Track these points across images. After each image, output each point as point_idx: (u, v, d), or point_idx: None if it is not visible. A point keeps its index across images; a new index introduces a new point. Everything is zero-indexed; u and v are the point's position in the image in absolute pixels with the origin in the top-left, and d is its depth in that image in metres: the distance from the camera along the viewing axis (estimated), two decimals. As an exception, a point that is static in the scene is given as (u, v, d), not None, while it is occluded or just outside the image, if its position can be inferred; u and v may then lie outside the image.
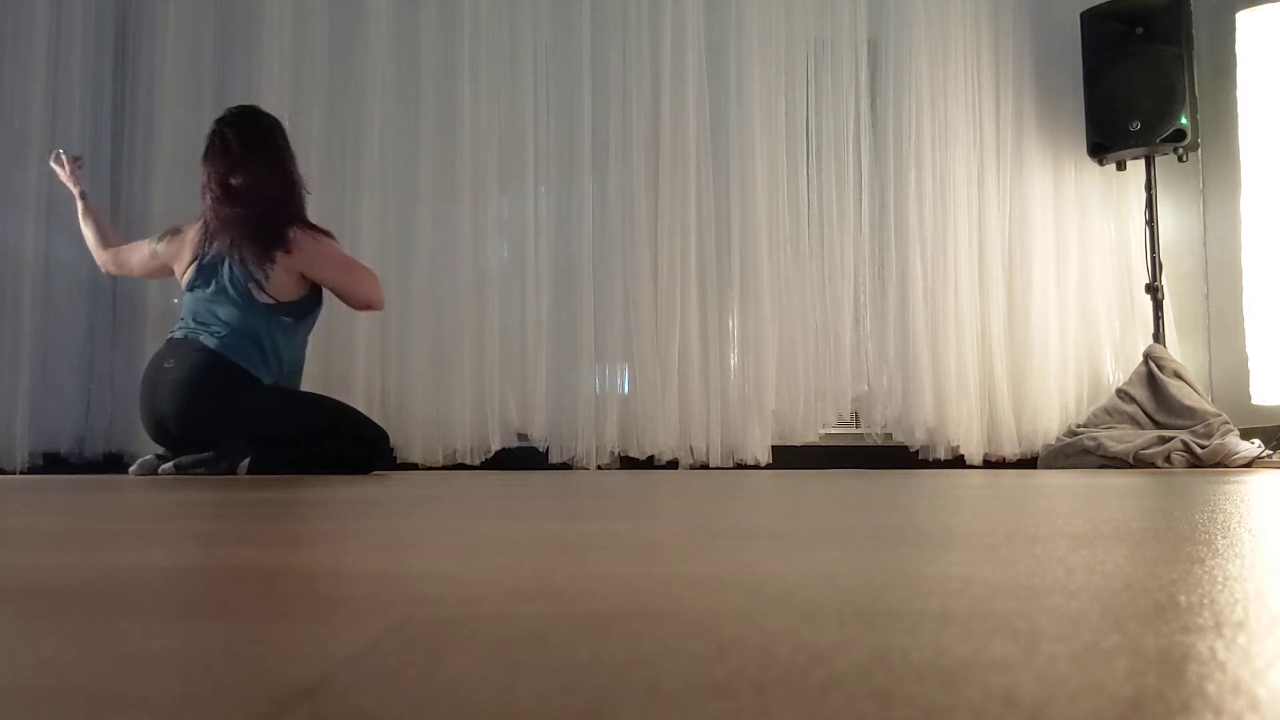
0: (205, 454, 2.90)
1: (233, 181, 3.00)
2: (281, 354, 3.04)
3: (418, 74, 3.95)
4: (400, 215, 3.90)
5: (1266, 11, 3.90)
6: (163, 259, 3.19)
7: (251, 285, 2.97)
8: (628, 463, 3.89)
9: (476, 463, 3.82)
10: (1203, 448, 3.44)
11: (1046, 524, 0.94)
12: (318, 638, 0.41)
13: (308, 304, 3.10)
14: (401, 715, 0.29)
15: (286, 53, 3.91)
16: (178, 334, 3.03)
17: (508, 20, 4.00)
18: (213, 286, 3.02)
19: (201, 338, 2.97)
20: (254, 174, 3.00)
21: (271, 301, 2.99)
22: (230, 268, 2.99)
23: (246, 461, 2.87)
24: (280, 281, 3.00)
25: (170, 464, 2.91)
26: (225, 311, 2.99)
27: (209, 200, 3.04)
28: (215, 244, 3.02)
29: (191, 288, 3.06)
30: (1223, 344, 4.06)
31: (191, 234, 3.10)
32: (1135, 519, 1.00)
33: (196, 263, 3.05)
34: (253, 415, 2.93)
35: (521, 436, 3.89)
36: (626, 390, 3.94)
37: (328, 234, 3.09)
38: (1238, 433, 3.53)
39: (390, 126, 3.93)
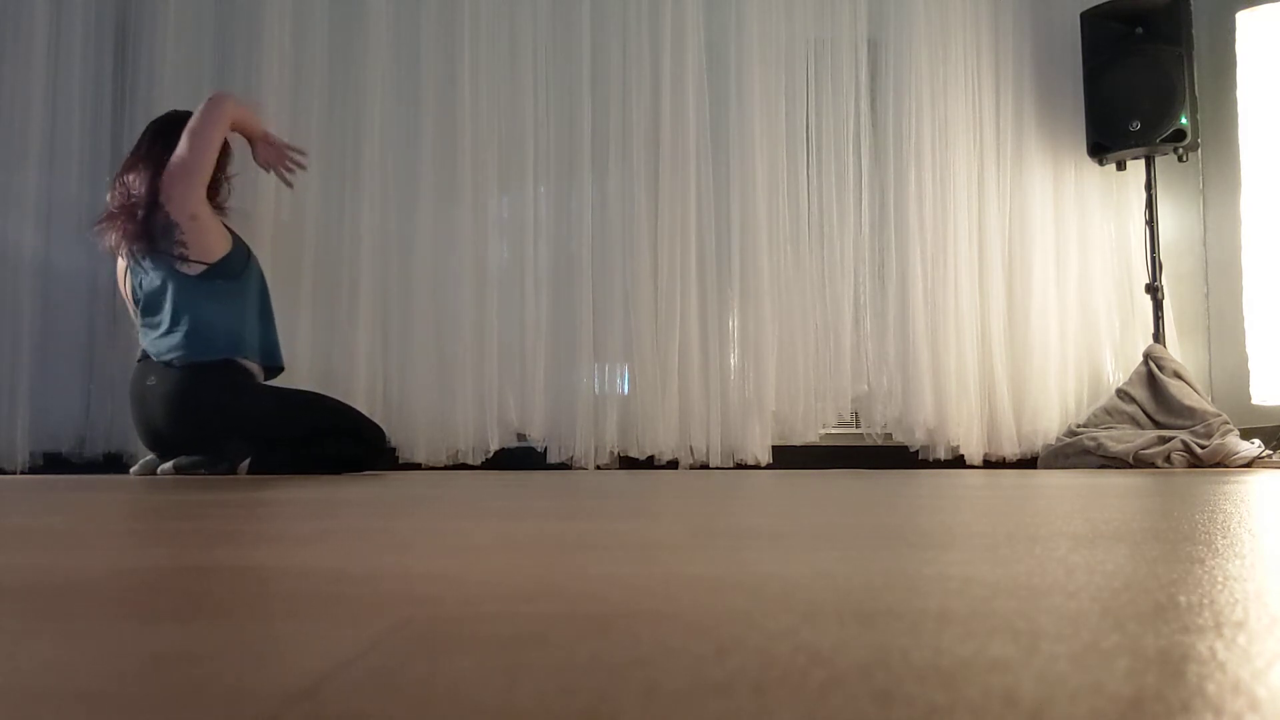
0: (205, 454, 2.90)
1: (125, 178, 3.02)
2: (249, 322, 3.01)
3: (418, 74, 3.95)
4: (400, 215, 3.90)
5: (1266, 11, 3.90)
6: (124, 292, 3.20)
7: (177, 262, 2.94)
8: (627, 463, 3.89)
9: (477, 463, 3.82)
10: (1203, 448, 3.44)
11: (1046, 524, 0.94)
12: (318, 638, 0.41)
13: (238, 257, 3.04)
14: (401, 715, 0.29)
15: (286, 53, 3.91)
16: (143, 351, 3.03)
17: (508, 20, 4.00)
18: (146, 292, 3.00)
19: (167, 356, 2.94)
20: (143, 172, 2.99)
21: (202, 266, 2.95)
22: (149, 262, 2.98)
23: (246, 462, 2.87)
24: (196, 238, 2.94)
25: (169, 464, 2.91)
26: (168, 311, 2.95)
27: (108, 196, 3.09)
28: (122, 250, 3.01)
29: (137, 303, 3.05)
30: (1223, 344, 4.06)
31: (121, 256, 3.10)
32: (1135, 519, 1.00)
33: (128, 280, 3.06)
34: (247, 416, 2.92)
35: (520, 436, 3.89)
36: (626, 390, 3.94)
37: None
38: (1238, 433, 3.53)
39: (390, 126, 3.93)
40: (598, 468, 3.81)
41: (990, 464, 3.93)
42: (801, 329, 3.96)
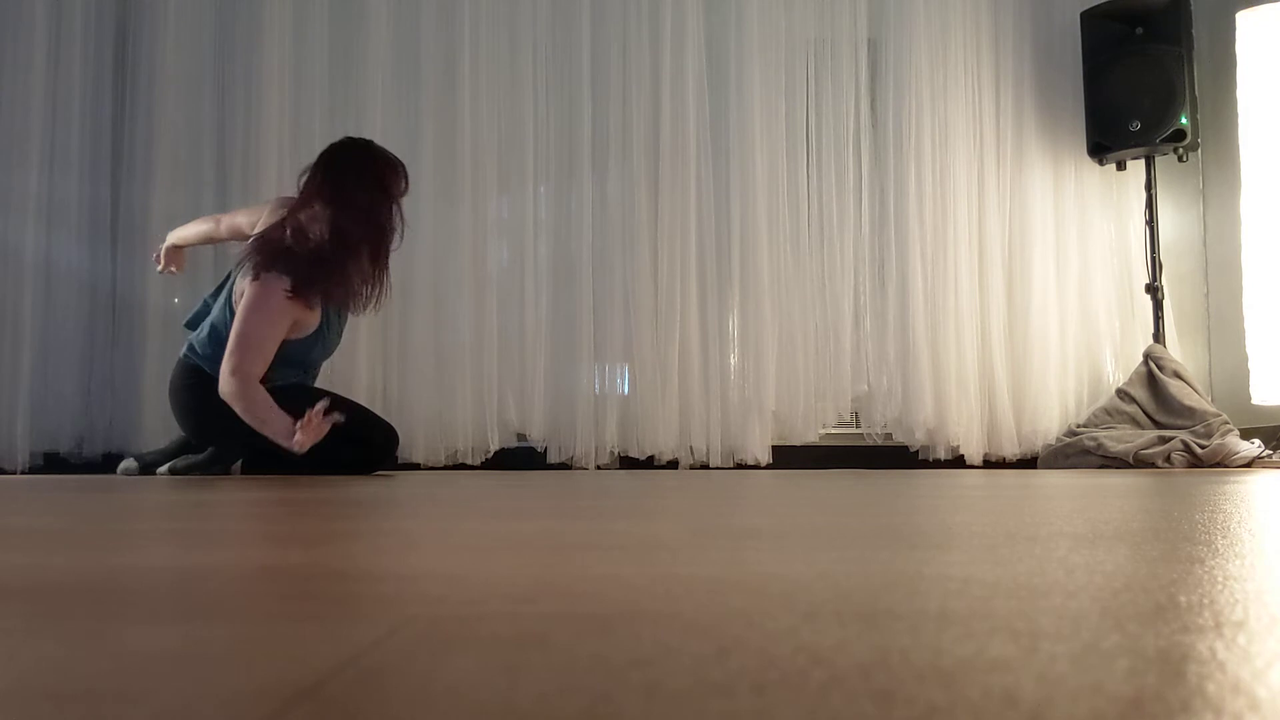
0: (199, 456, 2.90)
1: (300, 214, 2.91)
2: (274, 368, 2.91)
3: (418, 74, 3.95)
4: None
5: (1266, 11, 3.90)
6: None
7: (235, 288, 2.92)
8: (627, 463, 3.89)
9: (477, 463, 3.82)
10: (1203, 448, 3.44)
11: (1046, 524, 0.94)
12: (318, 638, 0.41)
13: (300, 344, 2.93)
14: (402, 715, 0.29)
15: (287, 54, 3.91)
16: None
17: (508, 21, 4.00)
18: (223, 288, 3.00)
19: (185, 349, 2.96)
20: (309, 209, 2.90)
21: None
22: (232, 282, 2.95)
23: (239, 464, 2.87)
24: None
25: (165, 466, 2.91)
26: (208, 317, 2.96)
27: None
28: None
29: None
30: (1223, 344, 4.06)
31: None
32: (1135, 519, 1.00)
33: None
34: (232, 418, 2.81)
35: (520, 437, 3.89)
36: (626, 390, 3.94)
37: (270, 277, 2.82)
38: (1238, 433, 3.53)
39: (390, 127, 3.92)
40: (598, 468, 3.81)
41: (990, 464, 3.93)
42: (801, 329, 3.96)
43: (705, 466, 3.85)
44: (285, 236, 2.86)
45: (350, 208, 2.87)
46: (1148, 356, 3.79)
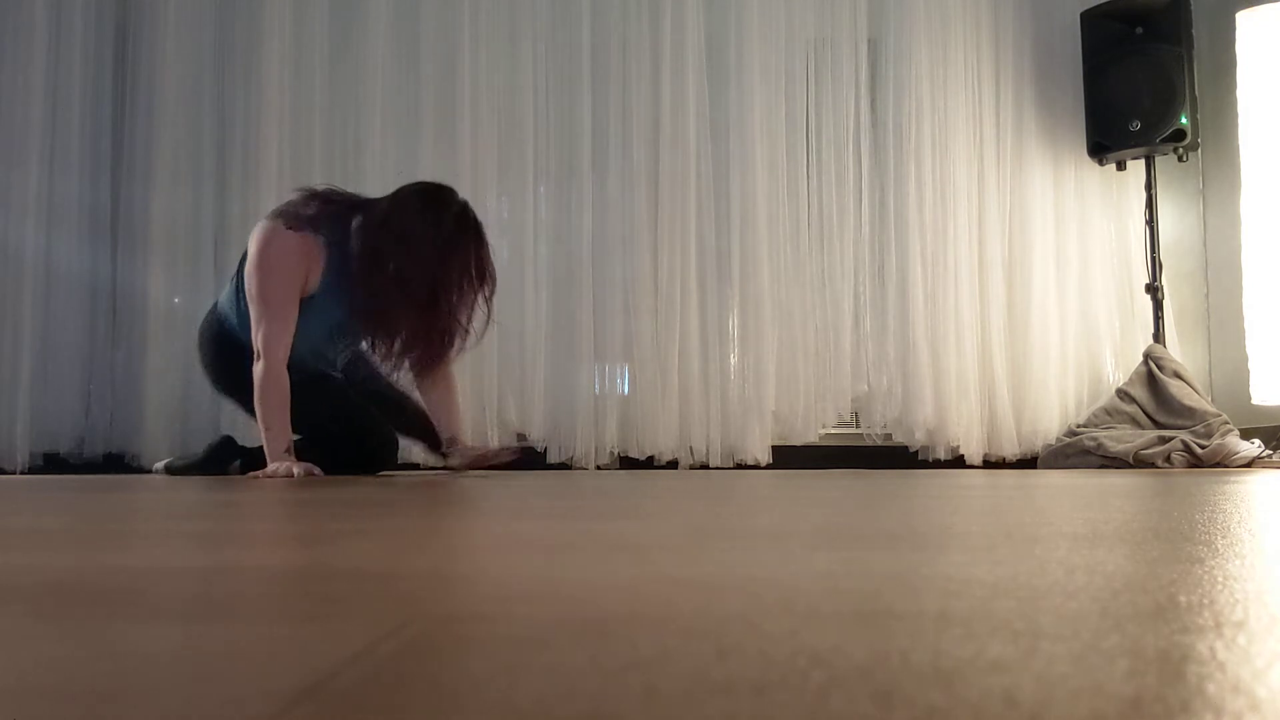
0: (196, 455, 2.90)
1: (348, 213, 2.71)
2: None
3: (417, 74, 3.96)
4: (400, 215, 3.89)
5: (1266, 11, 3.90)
6: None
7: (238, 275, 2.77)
8: (627, 463, 3.89)
9: (476, 463, 3.82)
10: (1203, 448, 3.44)
11: (1046, 524, 0.94)
12: (318, 638, 0.41)
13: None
14: (402, 715, 0.29)
15: (287, 53, 3.91)
16: None
17: (507, 20, 4.00)
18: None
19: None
20: (351, 217, 2.69)
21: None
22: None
23: (237, 463, 2.86)
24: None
25: (162, 465, 2.91)
26: (230, 278, 2.85)
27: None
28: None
29: None
30: (1223, 344, 4.06)
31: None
32: (1135, 519, 1.00)
33: None
34: (246, 374, 2.65)
35: (520, 437, 3.89)
36: (626, 390, 3.94)
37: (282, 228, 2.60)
38: (1238, 433, 3.53)
39: (390, 127, 3.93)
40: (598, 468, 3.81)
41: (990, 464, 3.93)
42: (801, 329, 3.96)
43: (705, 466, 3.85)
44: (354, 218, 2.62)
45: (451, 282, 2.64)
46: (1148, 356, 3.79)
